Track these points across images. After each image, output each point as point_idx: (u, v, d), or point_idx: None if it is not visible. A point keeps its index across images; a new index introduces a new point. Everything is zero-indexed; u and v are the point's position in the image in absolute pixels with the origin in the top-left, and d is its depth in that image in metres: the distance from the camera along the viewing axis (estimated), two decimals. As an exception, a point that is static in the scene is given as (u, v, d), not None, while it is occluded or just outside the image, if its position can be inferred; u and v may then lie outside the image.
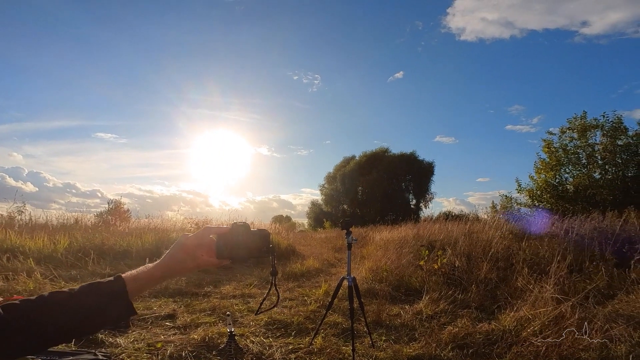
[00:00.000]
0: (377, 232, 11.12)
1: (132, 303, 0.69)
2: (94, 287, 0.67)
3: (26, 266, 4.04)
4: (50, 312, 0.62)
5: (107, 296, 0.66)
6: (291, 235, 12.33)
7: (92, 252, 5.11)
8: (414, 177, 32.16)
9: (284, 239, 10.20)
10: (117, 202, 13.51)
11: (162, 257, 0.74)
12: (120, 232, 7.52)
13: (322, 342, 2.28)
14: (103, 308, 0.66)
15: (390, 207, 28.65)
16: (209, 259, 0.77)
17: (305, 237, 15.51)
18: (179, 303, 3.38)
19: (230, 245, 0.78)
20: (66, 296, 0.64)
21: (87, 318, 0.65)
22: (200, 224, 10.14)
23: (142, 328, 2.50)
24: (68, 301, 0.64)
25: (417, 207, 32.25)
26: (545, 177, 13.60)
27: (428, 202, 32.84)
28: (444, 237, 6.53)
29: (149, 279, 0.72)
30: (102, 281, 0.69)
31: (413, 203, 32.81)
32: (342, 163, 34.66)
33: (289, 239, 10.66)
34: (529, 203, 13.71)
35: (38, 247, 5.09)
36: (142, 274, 0.71)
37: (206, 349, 2.10)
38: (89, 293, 0.66)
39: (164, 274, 0.73)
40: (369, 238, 10.99)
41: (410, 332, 2.74)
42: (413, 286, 4.39)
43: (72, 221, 8.55)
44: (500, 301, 3.41)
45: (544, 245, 4.43)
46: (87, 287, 0.67)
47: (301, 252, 9.34)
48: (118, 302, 0.67)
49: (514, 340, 2.34)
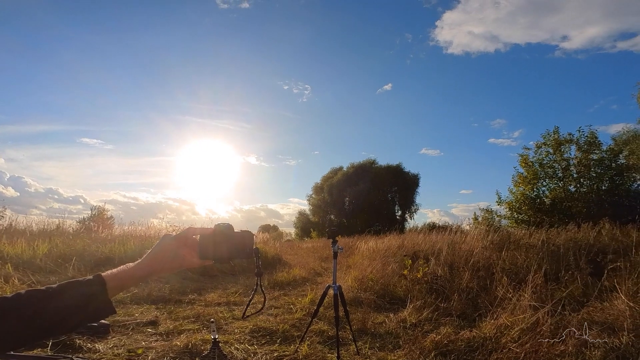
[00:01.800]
0: (364, 242, 11.17)
1: (112, 302, 0.68)
2: (73, 285, 0.66)
3: (4, 271, 3.92)
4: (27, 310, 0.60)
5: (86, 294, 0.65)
6: (278, 245, 12.25)
7: (73, 259, 4.98)
8: (400, 189, 32.71)
9: (271, 248, 10.13)
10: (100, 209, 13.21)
11: (144, 256, 0.73)
12: (102, 238, 7.33)
13: (307, 350, 2.29)
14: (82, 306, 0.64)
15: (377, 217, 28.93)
16: (191, 260, 0.76)
17: (292, 246, 15.43)
18: (161, 310, 3.32)
19: (213, 245, 0.77)
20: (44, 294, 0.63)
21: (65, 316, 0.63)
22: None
23: (122, 334, 2.45)
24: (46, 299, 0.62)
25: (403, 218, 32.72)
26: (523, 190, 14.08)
27: (413, 213, 33.41)
28: (428, 247, 6.64)
29: (130, 278, 0.71)
30: (81, 279, 0.67)
31: (399, 214, 33.27)
32: (330, 174, 34.90)
33: (275, 248, 10.60)
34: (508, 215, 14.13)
35: (17, 253, 4.95)
36: (122, 273, 0.70)
37: (189, 355, 2.08)
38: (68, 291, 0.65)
39: (145, 274, 0.72)
40: (355, 248, 11.03)
41: (395, 340, 2.77)
42: (397, 295, 4.44)
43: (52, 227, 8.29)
44: (481, 309, 3.49)
45: (522, 255, 4.57)
46: (65, 285, 0.65)
47: (288, 261, 9.29)
48: (97, 301, 0.66)
49: (494, 346, 2.41)
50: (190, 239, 0.77)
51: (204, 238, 0.77)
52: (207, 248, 0.76)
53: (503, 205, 14.41)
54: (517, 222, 13.60)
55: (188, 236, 0.76)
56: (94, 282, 0.66)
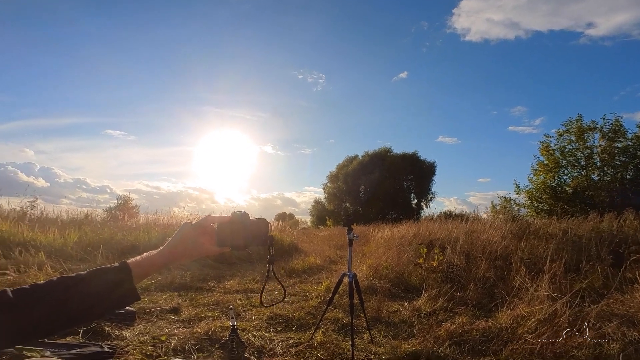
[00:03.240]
0: (379, 230, 11.18)
1: (137, 288, 0.71)
2: (100, 272, 0.69)
3: (37, 259, 4.15)
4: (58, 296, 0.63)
5: (113, 281, 0.68)
6: (294, 233, 12.42)
7: (100, 247, 5.21)
8: (416, 177, 32.33)
9: (287, 236, 10.29)
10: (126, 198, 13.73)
11: (165, 244, 0.76)
12: (128, 227, 7.64)
13: (322, 337, 2.35)
14: (109, 293, 0.68)
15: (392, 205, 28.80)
16: (209, 247, 0.79)
17: (308, 234, 15.61)
18: (183, 297, 3.47)
19: (230, 233, 0.79)
20: (74, 281, 0.66)
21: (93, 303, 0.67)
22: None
23: (147, 321, 2.58)
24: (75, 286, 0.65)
25: (419, 206, 32.43)
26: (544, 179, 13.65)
27: (429, 201, 33.08)
28: (444, 235, 6.59)
29: (153, 265, 0.74)
30: (108, 267, 0.70)
31: (414, 202, 33.00)
32: (345, 162, 34.80)
33: (292, 236, 10.76)
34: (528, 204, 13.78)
35: (49, 241, 5.20)
36: (145, 260, 0.74)
37: (209, 342, 2.17)
38: (95, 278, 0.68)
39: (167, 261, 0.76)
40: (371, 236, 11.06)
41: (409, 329, 2.80)
42: (412, 283, 4.46)
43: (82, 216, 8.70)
44: (497, 299, 3.47)
45: (542, 245, 4.47)
46: (93, 273, 0.69)
47: (303, 249, 9.42)
48: (123, 288, 0.69)
49: (510, 337, 2.40)
50: (209, 227, 0.79)
51: (221, 226, 0.79)
52: (224, 236, 0.79)
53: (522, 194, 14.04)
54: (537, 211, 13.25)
55: (206, 224, 0.78)
56: (120, 270, 0.70)
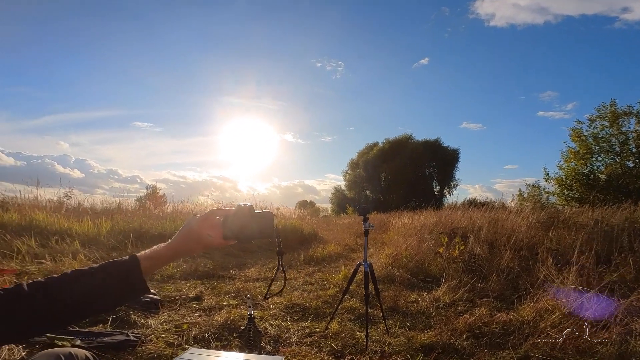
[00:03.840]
0: (399, 218, 11.05)
1: (146, 280, 0.73)
2: (112, 265, 0.71)
3: (72, 248, 4.41)
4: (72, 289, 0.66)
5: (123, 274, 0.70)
6: (314, 221, 12.54)
7: (130, 235, 5.45)
8: (438, 164, 31.60)
9: (308, 224, 10.41)
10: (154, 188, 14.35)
11: (173, 237, 0.78)
12: (156, 216, 7.95)
13: (337, 327, 2.37)
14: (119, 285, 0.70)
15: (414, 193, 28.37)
16: (216, 240, 0.79)
17: (328, 222, 15.71)
18: (206, 285, 3.61)
19: (235, 226, 0.80)
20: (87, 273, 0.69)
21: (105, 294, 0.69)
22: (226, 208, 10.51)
23: (171, 310, 2.70)
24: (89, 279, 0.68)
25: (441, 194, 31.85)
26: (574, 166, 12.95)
27: (452, 188, 32.41)
28: (467, 224, 6.42)
29: (160, 258, 0.76)
30: (118, 260, 0.73)
31: (437, 190, 32.37)
32: (365, 149, 34.46)
33: (311, 224, 10.86)
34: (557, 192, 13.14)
35: (83, 230, 5.47)
36: (154, 253, 0.75)
37: (227, 330, 2.25)
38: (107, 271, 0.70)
39: (175, 254, 0.77)
40: (391, 224, 10.97)
41: (426, 320, 2.76)
42: (432, 273, 4.39)
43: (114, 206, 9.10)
44: (521, 291, 3.36)
45: (571, 236, 4.26)
46: (105, 265, 0.71)
47: (323, 237, 9.51)
48: (132, 280, 0.71)
49: (532, 331, 2.33)
50: (214, 220, 0.79)
51: (227, 219, 0.80)
52: (229, 228, 0.80)
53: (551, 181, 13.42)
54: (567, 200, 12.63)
55: (212, 217, 0.79)
56: (130, 263, 0.72)
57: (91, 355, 0.80)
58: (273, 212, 0.93)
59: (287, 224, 9.01)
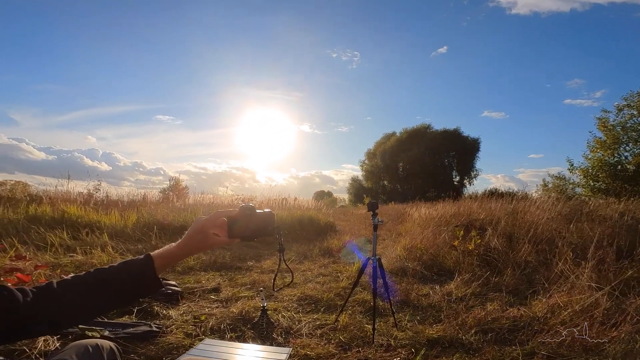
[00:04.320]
0: (416, 209, 10.95)
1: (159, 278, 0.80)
2: (129, 264, 0.79)
3: (101, 241, 4.68)
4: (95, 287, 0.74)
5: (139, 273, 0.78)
6: (331, 212, 12.61)
7: (154, 228, 5.70)
8: (458, 154, 30.87)
9: (324, 215, 10.49)
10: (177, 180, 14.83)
11: (183, 237, 0.84)
12: (178, 208, 8.26)
13: (347, 320, 2.45)
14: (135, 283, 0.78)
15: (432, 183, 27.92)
16: (221, 239, 0.86)
17: (345, 212, 15.76)
18: (223, 277, 3.77)
19: (238, 226, 0.87)
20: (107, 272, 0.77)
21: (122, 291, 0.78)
22: (245, 200, 10.81)
23: (190, 301, 2.86)
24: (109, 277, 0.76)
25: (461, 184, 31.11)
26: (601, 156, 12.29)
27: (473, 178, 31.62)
28: (486, 216, 6.30)
29: (172, 256, 0.83)
30: (135, 259, 0.80)
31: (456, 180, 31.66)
32: (383, 139, 34.11)
33: (328, 215, 10.95)
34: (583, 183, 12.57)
35: (111, 223, 5.76)
36: (166, 252, 0.82)
37: (242, 322, 2.37)
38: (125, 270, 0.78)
39: (185, 252, 0.84)
40: (408, 215, 10.89)
41: (437, 314, 2.77)
42: (447, 266, 4.38)
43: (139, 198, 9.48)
44: (536, 286, 3.32)
45: (594, 229, 4.12)
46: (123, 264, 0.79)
47: (340, 228, 9.59)
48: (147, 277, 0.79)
49: (541, 328, 2.32)
50: (220, 220, 0.86)
51: (231, 219, 0.87)
52: (234, 228, 0.87)
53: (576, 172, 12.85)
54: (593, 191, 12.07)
55: (216, 218, 0.86)
56: (144, 262, 0.80)
57: (115, 347, 0.90)
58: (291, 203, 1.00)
59: (303, 215, 9.13)
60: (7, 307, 0.65)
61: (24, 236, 4.44)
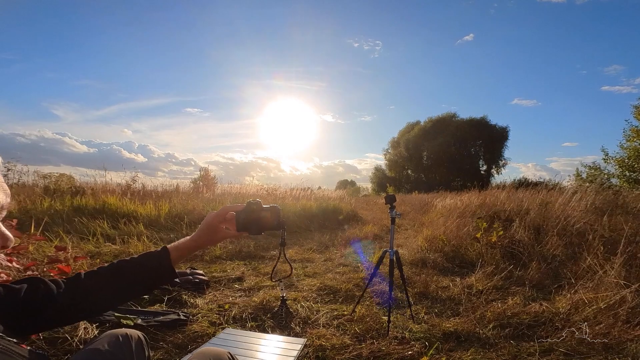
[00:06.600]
0: (441, 198, 10.74)
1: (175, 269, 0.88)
2: (147, 256, 0.88)
3: (137, 230, 5.02)
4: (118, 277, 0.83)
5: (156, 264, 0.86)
6: (354, 201, 12.65)
7: (185, 217, 6.01)
8: (485, 143, 29.79)
9: (346, 204, 10.56)
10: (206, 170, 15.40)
11: (196, 231, 0.91)
12: (206, 198, 8.61)
13: (364, 311, 2.52)
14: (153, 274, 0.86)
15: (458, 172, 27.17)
16: (231, 232, 0.94)
17: (368, 202, 15.74)
18: (247, 266, 3.96)
19: (246, 220, 0.92)
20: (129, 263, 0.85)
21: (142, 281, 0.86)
22: (270, 190, 11.07)
23: (216, 290, 3.04)
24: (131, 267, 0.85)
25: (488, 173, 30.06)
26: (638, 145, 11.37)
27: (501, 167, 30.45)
28: (514, 206, 6.09)
29: (186, 249, 0.90)
30: (153, 251, 0.88)
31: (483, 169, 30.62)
32: (407, 128, 33.49)
33: (351, 204, 11.00)
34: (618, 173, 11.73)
35: (147, 212, 6.11)
36: (181, 245, 0.90)
37: (263, 311, 2.50)
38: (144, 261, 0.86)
39: (198, 245, 0.91)
40: (432, 205, 10.72)
41: (455, 307, 2.77)
42: (469, 258, 4.33)
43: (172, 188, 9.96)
44: (562, 281, 3.23)
45: (627, 222, 3.90)
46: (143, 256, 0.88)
47: (362, 217, 9.62)
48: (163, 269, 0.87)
49: (563, 324, 2.28)
50: (229, 215, 0.93)
51: (238, 214, 0.93)
52: (241, 222, 0.93)
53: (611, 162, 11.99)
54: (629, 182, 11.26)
55: (225, 213, 0.93)
56: (162, 254, 0.88)
57: (143, 336, 1.02)
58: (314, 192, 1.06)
59: (328, 205, 9.25)
60: (48, 296, 0.76)
61: (67, 226, 4.84)
